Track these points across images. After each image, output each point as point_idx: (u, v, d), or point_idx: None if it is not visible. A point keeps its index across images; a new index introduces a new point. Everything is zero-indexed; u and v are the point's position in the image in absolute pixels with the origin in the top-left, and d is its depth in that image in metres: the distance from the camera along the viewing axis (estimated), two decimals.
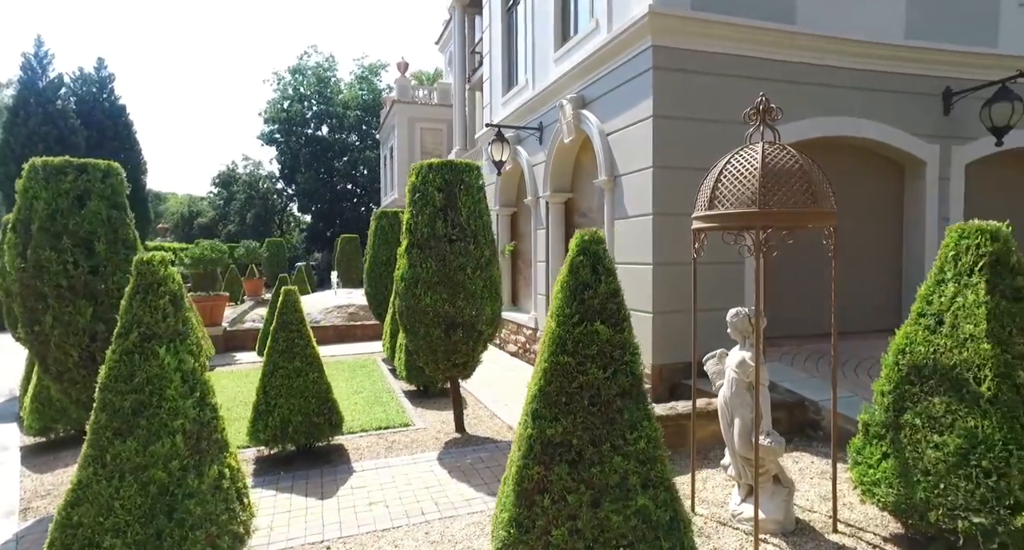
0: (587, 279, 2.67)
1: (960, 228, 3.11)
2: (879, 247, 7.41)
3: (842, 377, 5.52)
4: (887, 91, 6.96)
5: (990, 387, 2.78)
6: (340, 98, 37.07)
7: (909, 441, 3.03)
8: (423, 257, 5.31)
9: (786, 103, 6.45)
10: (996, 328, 2.85)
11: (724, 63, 6.19)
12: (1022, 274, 2.96)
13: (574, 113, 7.42)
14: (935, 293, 3.15)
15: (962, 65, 7.10)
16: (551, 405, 2.59)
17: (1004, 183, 7.89)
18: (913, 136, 7.07)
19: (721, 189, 3.29)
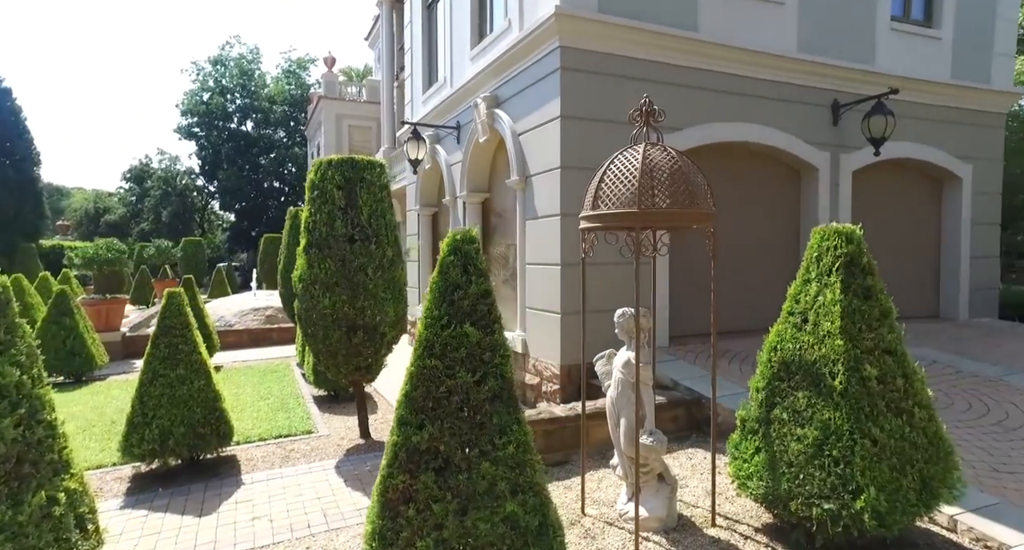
0: (457, 280, 2.59)
1: (821, 231, 3.26)
2: (781, 247, 7.79)
3: (739, 374, 5.74)
4: (784, 100, 7.33)
5: (842, 381, 2.92)
6: (266, 92, 35.48)
7: (777, 435, 3.14)
8: (321, 257, 5.09)
9: (691, 108, 6.71)
10: (848, 325, 3.00)
11: (631, 66, 6.31)
12: (872, 274, 3.14)
13: (488, 112, 7.37)
14: (801, 292, 3.29)
15: (847, 80, 7.58)
16: (417, 411, 2.49)
17: (885, 188, 8.50)
18: (808, 144, 7.48)
19: (604, 189, 3.30)
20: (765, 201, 7.63)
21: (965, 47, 8.49)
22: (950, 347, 6.91)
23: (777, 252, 7.73)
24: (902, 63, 7.98)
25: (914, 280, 8.82)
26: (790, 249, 7.79)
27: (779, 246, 7.75)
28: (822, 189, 7.59)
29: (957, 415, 4.80)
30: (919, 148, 8.26)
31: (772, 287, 7.67)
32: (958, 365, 6.13)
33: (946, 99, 8.40)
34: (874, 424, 2.87)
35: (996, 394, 5.27)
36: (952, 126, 8.52)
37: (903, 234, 8.71)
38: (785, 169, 7.73)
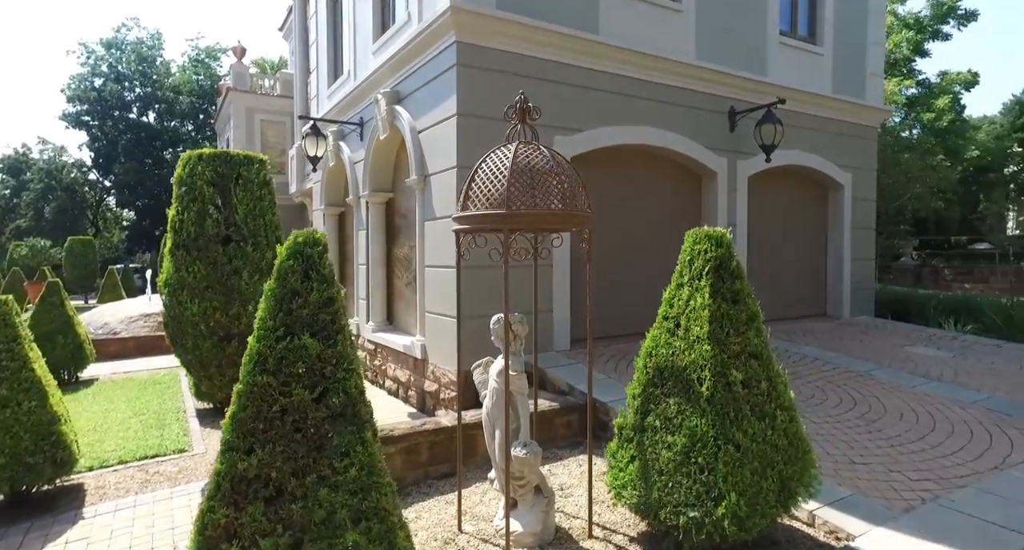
0: (297, 286, 2.33)
1: (693, 234, 3.25)
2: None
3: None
4: (684, 106, 7.52)
5: (708, 387, 2.91)
6: (170, 82, 33.00)
7: (650, 443, 3.10)
8: (190, 260, 4.63)
9: (592, 109, 6.72)
10: (716, 330, 3.00)
11: (532, 65, 6.23)
12: (740, 278, 3.16)
13: (388, 108, 7.07)
14: (675, 297, 3.27)
15: (743, 88, 7.90)
16: (246, 434, 2.22)
17: (778, 193, 8.95)
18: (707, 149, 7.72)
19: (475, 189, 3.14)
20: (668, 204, 7.80)
21: (843, 65, 9.10)
22: (831, 344, 7.34)
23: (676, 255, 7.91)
24: (791, 75, 8.42)
25: (805, 280, 9.35)
26: None
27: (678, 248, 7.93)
28: (721, 193, 7.86)
29: (829, 409, 5.03)
30: (807, 156, 8.75)
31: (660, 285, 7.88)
32: (835, 362, 6.49)
33: (829, 111, 8.96)
34: (738, 429, 2.88)
35: (864, 388, 5.60)
36: (834, 137, 9.10)
37: (795, 237, 9.21)
38: (687, 173, 7.94)
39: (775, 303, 8.85)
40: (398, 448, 4.12)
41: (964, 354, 7.06)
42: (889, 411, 5.04)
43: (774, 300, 8.84)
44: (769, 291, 8.77)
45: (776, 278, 8.88)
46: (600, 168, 7.14)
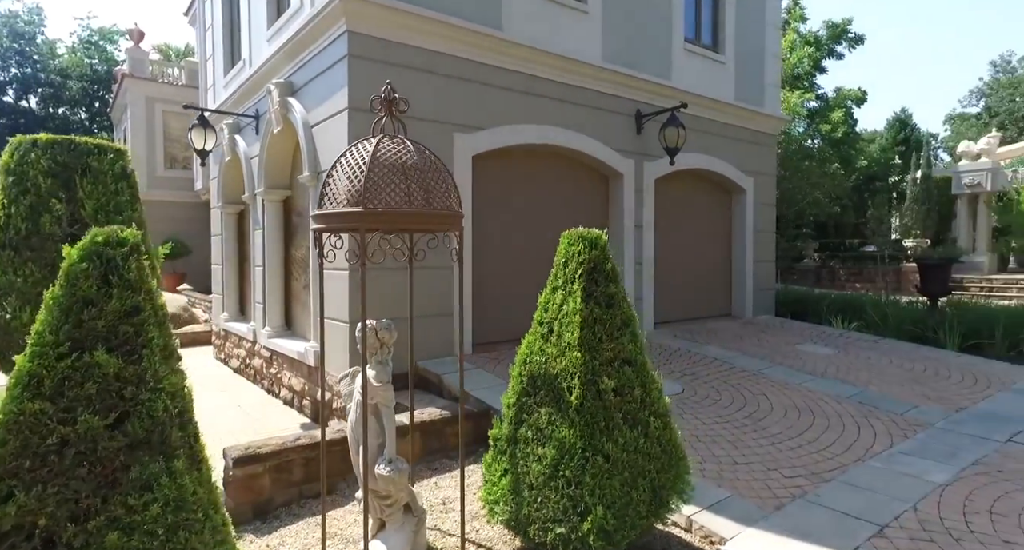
0: (90, 294, 1.99)
1: (568, 235, 3.13)
2: None
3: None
4: (592, 107, 7.52)
5: (578, 396, 2.79)
6: (56, 64, 30.04)
7: (522, 455, 2.94)
8: (19, 261, 4.04)
9: (496, 107, 6.56)
10: (588, 336, 2.88)
11: (431, 60, 5.99)
12: (615, 281, 3.07)
13: (281, 100, 6.61)
14: (549, 301, 3.13)
15: (649, 92, 8.03)
16: (6, 476, 1.84)
17: (685, 196, 9.19)
18: (614, 151, 7.77)
19: (331, 185, 2.87)
20: (576, 205, 7.77)
21: (744, 74, 9.48)
22: (731, 344, 7.56)
23: None
24: (696, 81, 8.65)
25: (712, 282, 9.65)
26: None
27: None
28: (628, 195, 7.93)
29: (721, 409, 5.11)
30: (712, 160, 9.03)
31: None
32: (733, 361, 6.67)
33: (731, 118, 9.30)
34: (608, 439, 2.77)
35: (755, 387, 5.76)
36: (737, 143, 9.46)
37: (702, 239, 9.48)
38: (594, 174, 7.96)
39: (682, 304, 9.08)
40: (267, 467, 3.77)
41: (847, 350, 7.47)
42: (775, 409, 5.19)
43: (681, 301, 9.06)
44: (677, 292, 8.98)
45: (683, 279, 9.10)
46: (505, 168, 7.01)
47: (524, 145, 6.94)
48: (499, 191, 6.97)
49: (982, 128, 28.93)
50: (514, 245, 7.09)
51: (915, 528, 3.23)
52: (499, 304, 6.89)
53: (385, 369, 3.09)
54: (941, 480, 3.83)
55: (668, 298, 8.74)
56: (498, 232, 6.91)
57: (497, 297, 6.86)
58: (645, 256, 8.09)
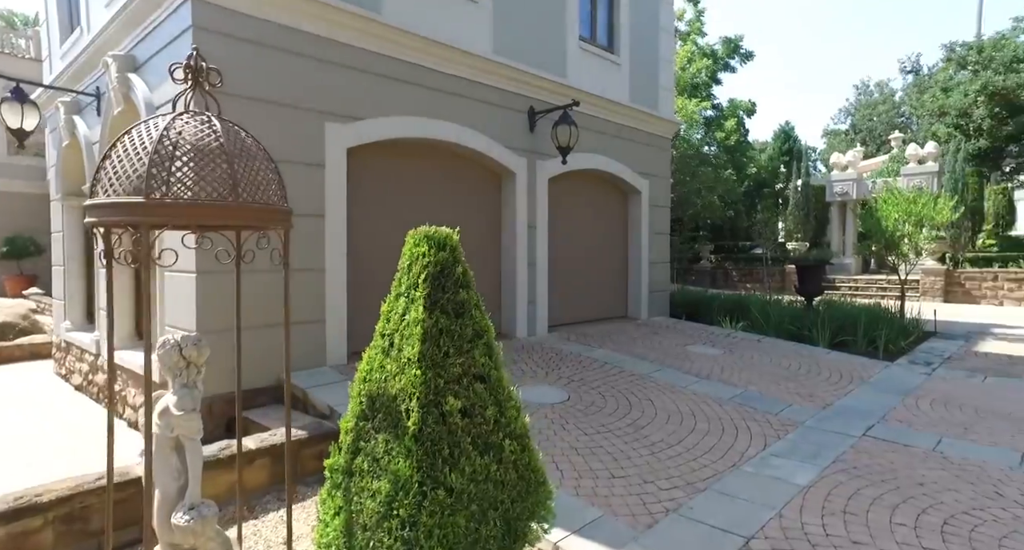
0: None
1: (413, 234, 2.76)
2: (483, 252, 7.68)
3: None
4: (483, 102, 7.20)
5: (416, 420, 2.41)
6: None
7: (356, 490, 2.52)
8: None
9: (376, 97, 6.06)
10: (431, 350, 2.51)
11: (297, 40, 5.40)
12: (467, 287, 2.72)
13: (120, 76, 5.72)
14: (392, 309, 2.73)
15: (543, 89, 7.84)
16: None
17: (582, 197, 9.12)
18: (507, 149, 7.49)
19: (107, 169, 2.29)
20: (467, 204, 7.42)
21: (639, 76, 9.57)
22: (623, 347, 7.52)
23: (479, 257, 7.59)
24: (591, 81, 8.59)
25: (608, 283, 9.65)
26: (491, 254, 7.74)
27: (480, 251, 7.63)
28: (520, 194, 7.69)
29: (604, 418, 4.94)
30: (607, 161, 9.01)
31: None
32: (622, 364, 6.59)
33: (627, 120, 9.35)
34: (453, 469, 2.41)
35: (642, 391, 5.67)
36: (633, 144, 9.53)
37: (599, 240, 9.46)
38: (486, 172, 7.65)
39: (578, 306, 8.99)
40: (49, 518, 3.06)
41: (732, 350, 7.67)
42: (659, 414, 5.10)
43: (577, 303, 8.97)
44: (572, 294, 8.88)
45: (579, 281, 9.02)
46: (388, 164, 6.53)
47: (409, 139, 6.49)
48: (381, 188, 6.47)
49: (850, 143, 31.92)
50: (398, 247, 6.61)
51: (778, 537, 3.14)
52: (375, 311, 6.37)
53: (190, 394, 2.55)
54: (805, 481, 3.83)
55: (563, 300, 8.61)
56: (379, 232, 6.41)
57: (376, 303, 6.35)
58: (539, 257, 7.90)
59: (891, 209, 10.17)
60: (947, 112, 20.94)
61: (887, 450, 4.44)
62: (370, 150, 6.27)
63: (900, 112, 33.18)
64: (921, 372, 7.00)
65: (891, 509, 3.47)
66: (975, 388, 6.30)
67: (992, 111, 19.77)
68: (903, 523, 3.31)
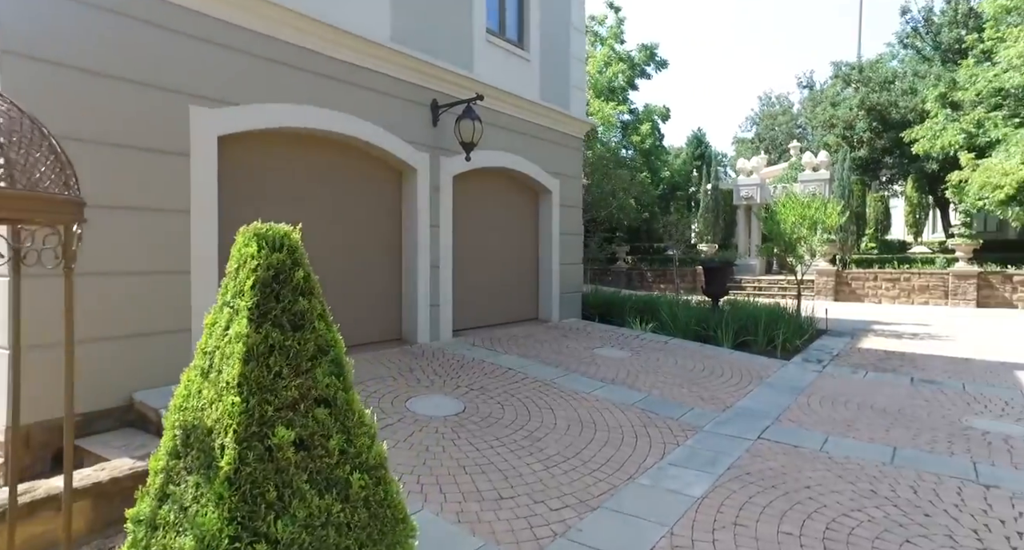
0: None
1: (243, 232, 2.28)
2: (383, 252, 7.19)
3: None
4: (382, 93, 6.72)
5: (232, 459, 1.96)
6: None
7: (158, 546, 2.03)
8: None
9: (256, 81, 5.45)
10: (257, 371, 2.07)
11: (153, 8, 4.71)
12: (309, 294, 2.29)
13: None
14: (215, 321, 2.26)
15: (447, 82, 7.46)
16: None
17: (491, 196, 8.83)
18: (408, 143, 7.05)
19: None
20: (362, 202, 6.91)
21: (549, 74, 9.42)
22: (530, 351, 7.29)
23: (378, 258, 7.11)
24: (500, 76, 8.30)
25: (518, 285, 9.41)
26: (392, 255, 7.26)
27: (381, 252, 7.14)
28: (422, 192, 7.27)
29: (501, 429, 4.64)
30: (516, 159, 8.77)
31: (371, 298, 7.06)
32: (527, 370, 6.34)
33: (538, 118, 9.16)
34: (281, 515, 1.98)
35: (544, 399, 5.43)
36: (543, 143, 9.35)
37: (510, 241, 9.20)
38: (385, 168, 7.16)
39: (487, 309, 8.68)
40: None
41: (639, 353, 7.64)
42: (558, 424, 4.86)
43: (486, 306, 8.66)
44: (481, 297, 8.56)
45: (488, 283, 8.72)
46: (272, 155, 5.92)
47: (297, 129, 5.91)
48: (264, 183, 5.85)
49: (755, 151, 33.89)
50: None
51: None
52: None
53: None
54: (700, 492, 3.70)
55: (471, 303, 8.28)
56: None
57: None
58: (443, 258, 7.51)
59: (788, 213, 10.63)
60: (835, 124, 22.58)
61: (779, 452, 4.43)
62: (251, 140, 5.64)
63: (798, 123, 35.63)
64: (813, 370, 7.26)
65: (779, 517, 3.39)
66: (858, 384, 6.57)
67: (870, 125, 21.51)
68: (790, 532, 3.22)
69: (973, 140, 16.78)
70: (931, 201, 22.60)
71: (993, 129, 16.17)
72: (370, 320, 6.98)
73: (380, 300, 7.11)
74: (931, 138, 17.68)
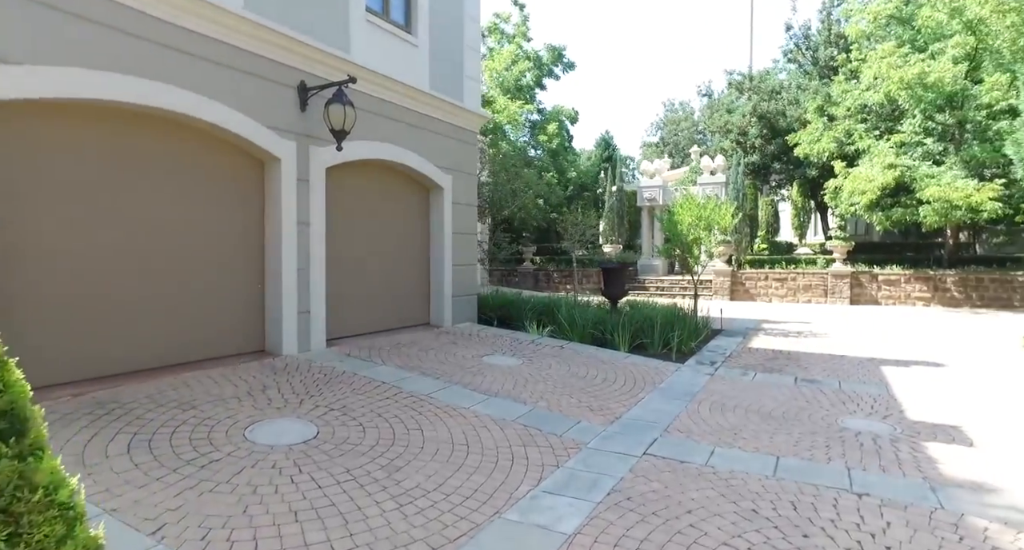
0: None
1: None
2: (247, 253, 6.27)
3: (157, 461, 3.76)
4: (236, 69, 5.83)
5: None
6: None
7: None
8: None
9: (64, 40, 4.41)
10: None
11: None
12: None
13: None
14: None
15: (319, 62, 6.67)
16: None
17: (375, 192, 8.09)
18: (268, 128, 6.18)
19: None
20: (217, 195, 5.97)
21: (441, 62, 8.81)
22: (412, 361, 6.64)
23: (233, 260, 6.18)
24: (384, 61, 7.59)
25: (408, 288, 8.72)
26: (251, 256, 6.35)
27: (237, 252, 6.21)
28: (287, 184, 6.42)
29: (356, 458, 3.97)
30: (403, 152, 8.08)
31: (223, 307, 5.96)
32: (404, 384, 5.70)
33: (427, 108, 8.52)
34: None
35: (416, 417, 4.82)
36: (435, 136, 8.73)
37: (396, 240, 8.49)
38: (242, 156, 6.25)
39: (371, 315, 7.94)
40: None
41: (532, 360, 7.21)
42: (426, 447, 4.26)
43: (370, 311, 7.92)
44: (364, 301, 7.79)
45: (373, 286, 7.98)
46: (86, 137, 4.88)
47: (118, 103, 4.91)
48: (74, 169, 4.80)
49: (660, 155, 35.17)
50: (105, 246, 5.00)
51: None
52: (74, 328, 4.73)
53: None
54: (572, 527, 3.24)
55: (350, 309, 7.51)
56: (72, 228, 4.75)
57: (34, 318, 4.69)
58: (314, 260, 6.69)
59: (685, 214, 10.70)
60: (730, 130, 23.71)
61: (664, 470, 4.10)
62: (47, 113, 4.59)
63: (699, 129, 37.38)
64: (706, 372, 7.16)
65: None
66: (746, 387, 6.50)
67: (761, 131, 22.79)
68: None
69: (844, 149, 18.09)
70: (813, 205, 24.29)
71: (859, 140, 17.52)
72: (228, 331, 6.05)
73: (239, 308, 6.18)
74: (811, 143, 18.89)
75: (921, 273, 16.27)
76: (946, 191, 14.49)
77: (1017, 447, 4.71)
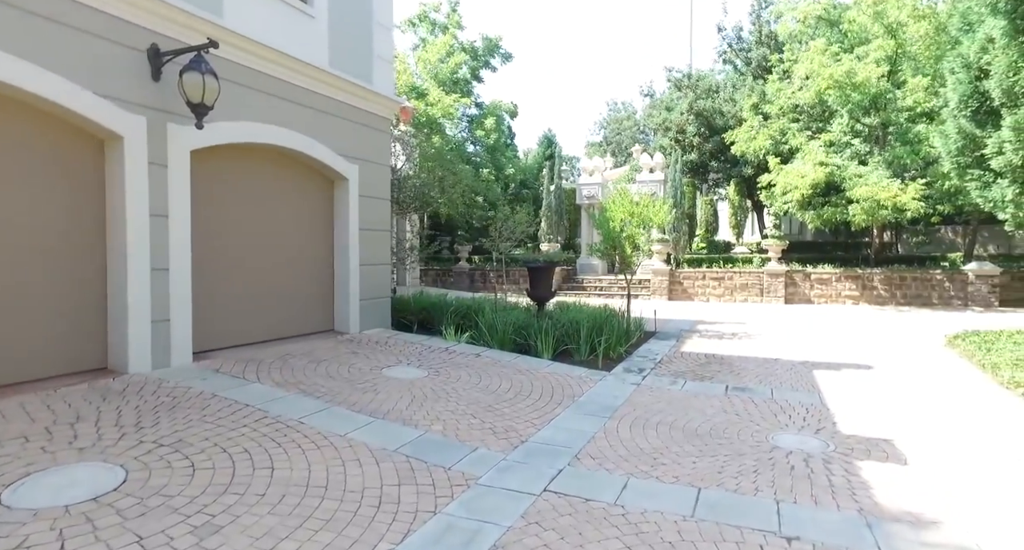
0: None
1: None
2: (81, 252, 5.16)
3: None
4: (56, 22, 4.72)
5: None
6: None
7: None
8: None
9: None
10: None
11: None
12: None
13: None
14: None
15: (181, 26, 5.62)
16: None
17: (266, 182, 7.06)
18: (107, 99, 5.09)
19: None
20: (31, 181, 4.85)
21: (344, 38, 7.86)
22: (297, 376, 5.70)
23: (62, 261, 5.06)
24: (269, 31, 6.58)
25: (306, 291, 7.72)
26: (90, 254, 5.25)
27: (64, 251, 5.10)
28: (135, 168, 5.33)
29: (166, 515, 3.03)
30: (294, 136, 7.08)
31: (44, 317, 5.10)
32: (271, 406, 4.76)
33: (328, 89, 7.56)
34: None
35: (269, 450, 3.90)
36: (337, 120, 7.77)
37: (293, 237, 7.47)
38: (72, 134, 5.13)
39: (258, 322, 6.91)
40: None
41: (440, 371, 6.39)
42: (269, 494, 3.37)
43: (258, 317, 6.89)
44: (248, 306, 6.75)
45: (261, 289, 6.95)
46: None
47: None
48: None
49: (603, 154, 35.02)
50: None
51: None
52: None
53: None
54: None
55: (229, 316, 6.47)
56: None
57: None
58: (174, 259, 5.62)
59: (617, 210, 10.15)
60: (669, 127, 23.64)
61: (564, 512, 3.37)
62: None
63: (641, 129, 37.50)
64: (632, 382, 6.54)
65: None
66: (673, 399, 5.91)
67: (699, 129, 22.81)
68: None
69: (779, 147, 18.20)
70: (750, 205, 24.55)
71: (792, 138, 17.66)
72: (52, 345, 4.93)
73: (69, 317, 5.06)
74: (747, 141, 18.92)
75: (850, 272, 16.47)
76: (874, 190, 14.66)
77: (947, 462, 4.28)
